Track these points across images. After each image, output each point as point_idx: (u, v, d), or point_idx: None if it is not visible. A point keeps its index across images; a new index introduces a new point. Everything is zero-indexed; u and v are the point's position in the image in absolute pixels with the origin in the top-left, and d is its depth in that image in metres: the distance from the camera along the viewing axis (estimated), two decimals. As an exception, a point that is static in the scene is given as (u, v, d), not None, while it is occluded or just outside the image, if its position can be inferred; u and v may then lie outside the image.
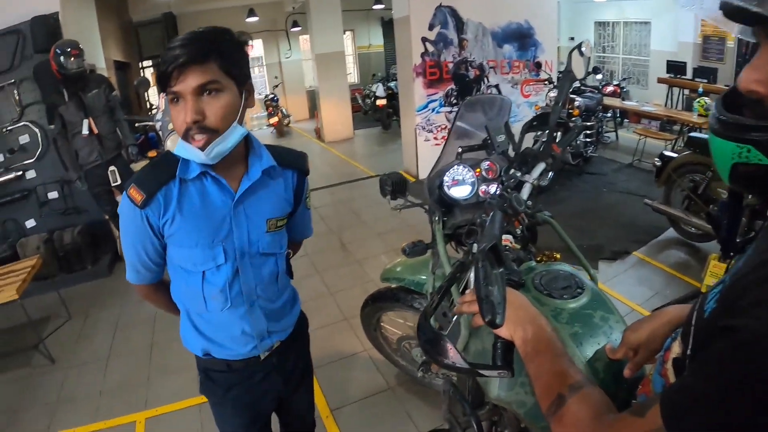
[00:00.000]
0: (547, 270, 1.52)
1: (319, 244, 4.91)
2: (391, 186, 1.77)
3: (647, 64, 11.21)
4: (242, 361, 1.54)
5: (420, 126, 6.57)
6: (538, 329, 1.02)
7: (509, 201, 1.44)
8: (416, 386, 2.87)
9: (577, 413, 0.83)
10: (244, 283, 1.44)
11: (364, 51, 14.32)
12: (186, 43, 1.16)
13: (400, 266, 2.30)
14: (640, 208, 5.01)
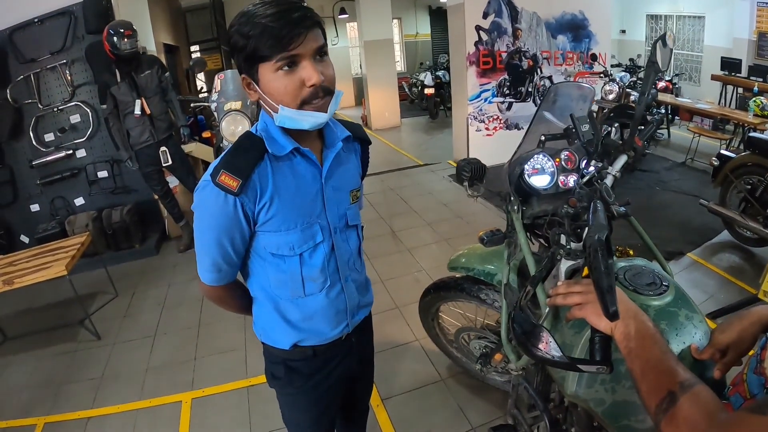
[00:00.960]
0: (630, 266, 1.49)
1: (369, 231, 4.86)
2: (470, 172, 1.74)
3: (700, 60, 10.83)
4: (327, 344, 1.52)
5: (472, 116, 6.52)
6: (641, 324, 1.00)
7: (599, 192, 1.40)
8: (469, 379, 2.84)
9: (690, 412, 0.81)
10: (339, 258, 1.43)
11: (411, 39, 14.25)
12: (295, 8, 1.13)
13: (467, 256, 2.27)
14: (694, 209, 4.90)
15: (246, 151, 1.25)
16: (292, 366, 1.53)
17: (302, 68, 1.14)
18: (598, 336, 1.04)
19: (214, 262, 1.34)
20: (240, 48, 1.14)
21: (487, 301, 2.22)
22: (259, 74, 1.16)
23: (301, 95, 1.16)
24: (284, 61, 1.12)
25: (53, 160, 4.86)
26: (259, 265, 1.39)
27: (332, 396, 1.65)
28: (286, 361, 1.53)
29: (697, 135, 6.85)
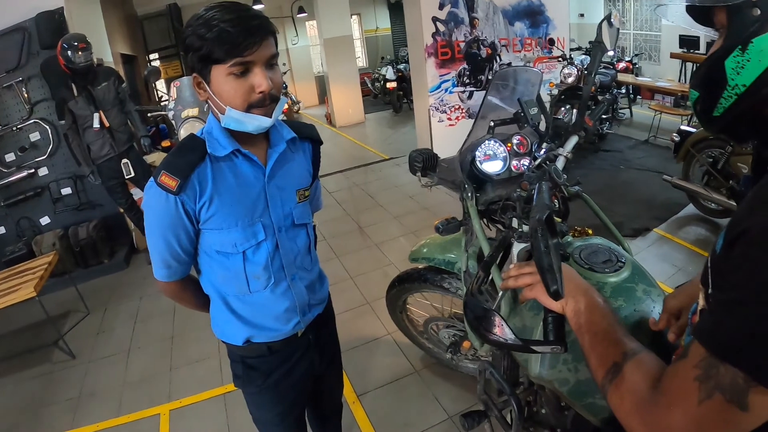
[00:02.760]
0: (586, 244, 1.50)
1: (336, 228, 4.91)
2: (422, 162, 1.74)
3: (659, 39, 10.99)
4: (283, 341, 1.54)
5: (433, 107, 6.52)
6: (591, 300, 1.00)
7: (548, 173, 1.41)
8: (442, 369, 2.85)
9: (633, 379, 0.81)
10: (284, 257, 1.45)
11: (372, 34, 14.20)
12: (252, 17, 1.17)
13: (428, 246, 2.27)
14: (659, 185, 4.98)
15: (187, 152, 1.30)
16: (250, 364, 1.56)
17: (254, 74, 1.19)
18: (551, 316, 1.04)
19: (164, 259, 1.38)
20: (195, 48, 1.16)
21: (451, 289, 2.22)
22: (212, 75, 1.20)
23: (250, 100, 1.21)
24: (238, 66, 1.16)
25: (16, 180, 4.74)
26: (207, 262, 1.43)
27: (296, 394, 1.67)
28: (243, 358, 1.56)
29: (659, 113, 6.97)
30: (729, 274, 0.67)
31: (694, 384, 0.67)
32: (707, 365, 0.66)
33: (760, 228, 0.63)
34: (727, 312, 0.65)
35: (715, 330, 0.66)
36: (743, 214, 0.69)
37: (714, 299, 0.70)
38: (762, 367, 0.61)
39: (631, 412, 0.78)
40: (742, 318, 0.63)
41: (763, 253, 0.62)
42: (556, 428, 1.57)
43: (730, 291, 0.66)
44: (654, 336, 1.23)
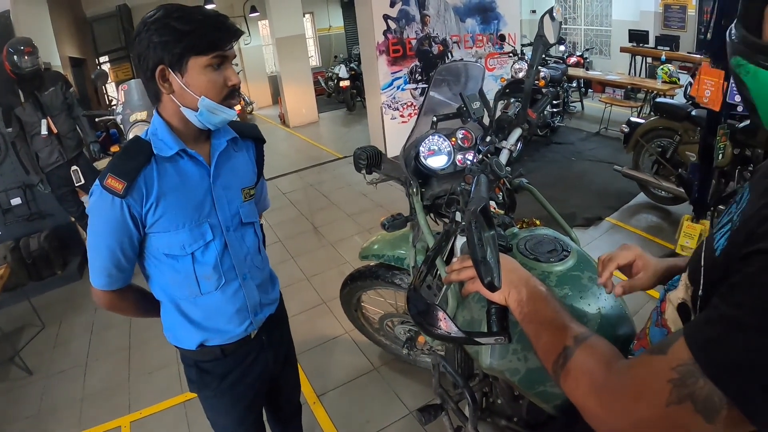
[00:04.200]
0: (531, 235, 1.52)
1: (291, 229, 4.86)
2: (366, 160, 1.73)
3: (609, 34, 11.33)
4: (235, 344, 1.54)
5: (385, 104, 6.52)
6: (533, 289, 1.01)
7: (490, 166, 1.41)
8: (401, 365, 2.86)
9: (586, 363, 0.81)
10: (234, 256, 1.46)
11: (325, 33, 14.11)
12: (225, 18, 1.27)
13: (378, 243, 2.27)
14: (610, 175, 5.10)
15: (133, 154, 1.30)
16: (204, 368, 1.55)
17: (226, 69, 1.28)
18: (494, 307, 1.04)
19: (104, 266, 1.35)
20: (175, 39, 1.19)
21: (402, 285, 2.23)
22: (188, 66, 1.23)
23: (224, 92, 1.28)
24: (217, 59, 1.24)
25: (-37, 193, 4.51)
26: (156, 267, 1.42)
27: (252, 396, 1.67)
28: (197, 363, 1.55)
29: (609, 105, 7.14)
30: (739, 290, 0.64)
31: (668, 385, 0.65)
32: (686, 373, 0.64)
33: None
34: (727, 330, 0.62)
35: (710, 345, 0.63)
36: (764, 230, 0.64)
37: (716, 309, 0.66)
38: (747, 395, 0.59)
39: (587, 393, 0.78)
40: (741, 342, 0.60)
41: None
42: (512, 417, 1.57)
43: (735, 308, 0.62)
44: (601, 322, 1.26)
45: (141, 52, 1.23)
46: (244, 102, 10.30)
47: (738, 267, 0.65)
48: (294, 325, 1.88)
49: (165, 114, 1.32)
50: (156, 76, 1.24)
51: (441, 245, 1.37)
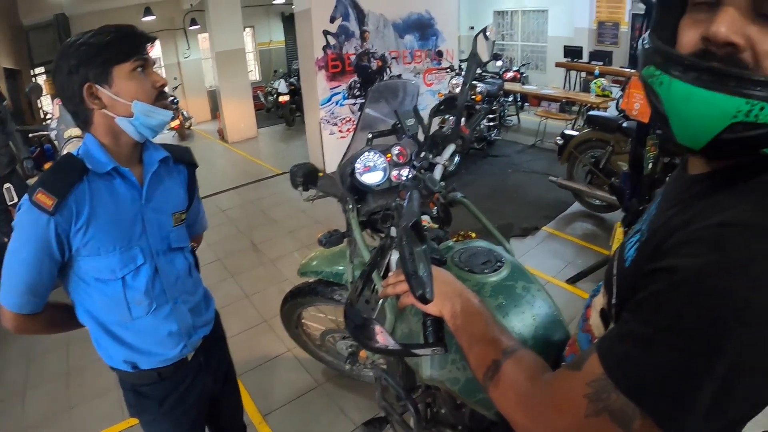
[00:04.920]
0: (465, 247, 1.55)
1: (230, 247, 4.78)
2: (302, 177, 1.73)
3: (545, 49, 11.86)
4: (171, 366, 1.51)
5: (324, 120, 6.51)
6: (466, 301, 1.02)
7: (423, 182, 1.44)
8: (345, 380, 2.85)
9: (513, 376, 0.83)
10: (164, 280, 1.43)
11: (265, 47, 14.00)
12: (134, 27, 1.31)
13: (317, 259, 2.28)
14: (546, 186, 5.25)
15: (65, 170, 1.27)
16: (142, 392, 1.53)
17: (150, 73, 1.31)
18: (430, 319, 1.06)
19: (19, 286, 1.29)
20: (94, 54, 1.22)
21: (342, 301, 2.24)
22: (114, 76, 1.24)
23: (154, 94, 1.30)
24: (139, 62, 1.27)
25: None
26: (84, 291, 1.37)
27: (193, 419, 1.65)
28: (134, 387, 1.52)
29: (545, 118, 7.39)
30: (647, 307, 0.65)
31: (584, 400, 0.67)
32: (600, 387, 0.66)
33: (685, 273, 0.61)
34: (636, 346, 0.64)
35: (622, 360, 0.65)
36: (669, 246, 0.66)
37: (626, 324, 0.68)
38: (657, 406, 0.61)
39: (515, 405, 0.81)
40: (649, 358, 0.62)
41: (686, 300, 0.60)
42: (456, 426, 1.60)
43: (644, 326, 0.64)
44: (536, 329, 1.30)
45: (63, 80, 1.23)
46: (183, 117, 10.06)
47: (645, 282, 0.67)
48: (236, 344, 1.85)
49: (97, 134, 1.31)
50: (84, 96, 1.23)
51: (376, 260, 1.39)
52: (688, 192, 0.75)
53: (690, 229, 0.65)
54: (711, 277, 0.58)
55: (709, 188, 0.71)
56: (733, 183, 0.68)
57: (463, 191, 1.83)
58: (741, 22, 0.61)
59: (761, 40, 0.60)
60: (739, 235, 0.60)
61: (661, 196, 0.86)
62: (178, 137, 9.89)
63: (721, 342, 0.56)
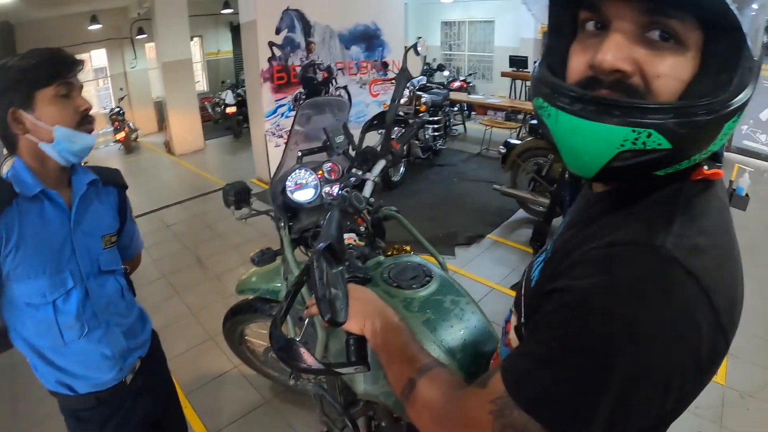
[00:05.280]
0: (395, 263, 1.56)
1: (175, 264, 4.68)
2: (234, 196, 1.74)
3: (492, 59, 12.13)
4: (110, 390, 1.50)
5: (270, 132, 6.44)
6: (386, 320, 1.03)
7: (349, 200, 1.46)
8: (292, 395, 2.84)
9: (427, 394, 0.84)
10: (95, 304, 1.42)
11: (213, 57, 13.79)
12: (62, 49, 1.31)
13: (255, 276, 2.27)
14: (490, 194, 5.33)
15: None
16: (82, 417, 1.52)
17: (75, 97, 1.30)
18: (352, 338, 1.08)
19: None
20: (18, 79, 1.23)
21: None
22: (37, 100, 1.24)
23: (76, 118, 1.30)
24: (62, 87, 1.26)
25: None
26: (16, 316, 1.37)
27: None
28: (74, 411, 1.51)
29: (490, 127, 7.53)
30: (542, 327, 0.68)
31: (489, 417, 0.68)
32: (503, 405, 0.67)
33: (575, 294, 0.63)
34: (535, 365, 0.66)
35: (521, 378, 0.67)
36: (564, 266, 0.68)
37: (526, 343, 0.71)
38: (557, 422, 0.63)
39: (429, 423, 0.82)
40: (548, 376, 0.63)
41: (577, 321, 0.62)
42: (396, 438, 1.61)
43: (541, 345, 0.66)
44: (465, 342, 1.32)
45: None
46: (129, 129, 9.80)
47: (543, 303, 0.69)
48: (182, 363, 1.83)
49: (24, 158, 1.31)
50: (9, 121, 1.24)
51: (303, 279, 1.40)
52: (588, 211, 0.77)
53: (582, 250, 0.67)
54: (598, 298, 0.60)
55: (607, 207, 0.73)
56: (629, 202, 0.70)
57: (409, 201, 1.87)
58: (628, 47, 0.62)
59: (649, 63, 0.62)
60: (626, 255, 0.62)
61: (569, 214, 0.88)
62: (125, 150, 9.63)
63: (612, 360, 0.58)
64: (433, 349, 1.26)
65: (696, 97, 0.61)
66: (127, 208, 1.62)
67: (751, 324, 3.52)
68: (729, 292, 0.65)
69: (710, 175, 0.69)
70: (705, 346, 0.60)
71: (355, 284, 1.17)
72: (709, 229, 0.66)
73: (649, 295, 0.59)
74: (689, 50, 0.61)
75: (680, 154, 0.63)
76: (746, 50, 0.60)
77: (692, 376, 0.62)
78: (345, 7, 6.79)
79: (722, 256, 0.66)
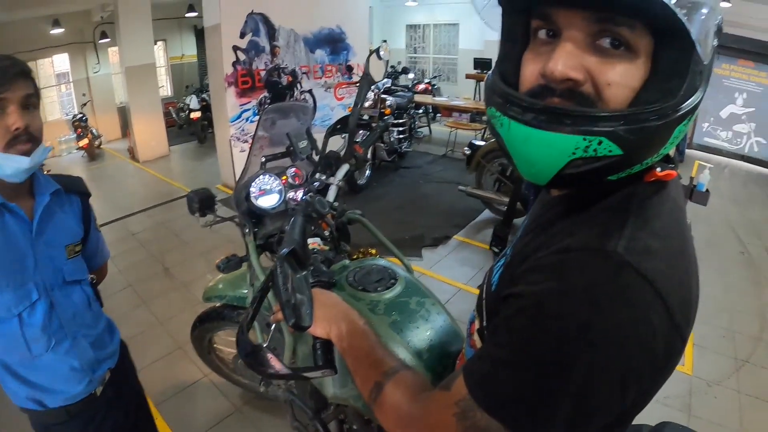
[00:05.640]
0: (360, 266, 1.57)
1: (141, 273, 4.60)
2: (199, 203, 1.73)
3: (456, 62, 12.30)
4: (80, 403, 1.49)
5: (235, 137, 6.35)
6: (351, 324, 1.04)
7: (312, 205, 1.47)
8: (263, 402, 2.83)
9: (393, 397, 0.85)
10: (61, 315, 1.40)
11: (178, 62, 13.57)
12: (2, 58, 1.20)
13: (221, 283, 2.25)
14: (456, 195, 5.37)
15: None
16: (54, 431, 1.50)
17: (8, 114, 1.18)
18: (319, 342, 1.09)
19: None
20: None
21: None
22: None
23: (6, 139, 1.19)
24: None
25: None
26: None
27: None
28: (45, 427, 1.50)
29: (455, 129, 7.60)
30: (501, 331, 0.69)
31: (453, 419, 0.69)
32: (466, 406, 0.68)
33: (531, 299, 0.65)
34: (495, 368, 0.67)
35: (482, 381, 0.68)
36: (521, 271, 0.70)
37: (486, 346, 0.72)
38: (518, 423, 0.64)
39: (396, 426, 0.83)
40: (507, 378, 0.65)
41: (533, 326, 0.63)
42: (368, 440, 1.62)
43: (500, 348, 0.68)
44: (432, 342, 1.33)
45: None
46: (92, 135, 9.57)
47: (500, 307, 0.71)
48: (151, 373, 1.81)
49: None
50: None
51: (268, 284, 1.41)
52: (545, 215, 0.79)
53: (537, 255, 0.69)
54: (553, 303, 0.62)
55: (563, 211, 0.74)
56: (583, 206, 0.71)
57: (375, 205, 1.89)
58: (579, 55, 0.63)
59: (600, 71, 0.63)
60: (579, 260, 0.64)
61: (527, 217, 0.90)
62: (88, 157, 9.40)
63: (568, 363, 0.60)
64: (400, 350, 1.27)
65: (646, 103, 0.62)
66: (91, 216, 1.59)
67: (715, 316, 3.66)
68: (683, 291, 0.67)
69: (663, 176, 0.70)
70: (661, 346, 0.62)
71: (320, 289, 1.17)
72: (661, 231, 0.67)
73: (603, 299, 0.60)
74: (639, 57, 0.62)
75: (632, 159, 0.64)
76: (696, 55, 0.61)
77: (649, 375, 0.64)
78: (309, 11, 6.78)
79: (675, 256, 0.67)
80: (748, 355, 3.31)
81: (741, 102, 8.80)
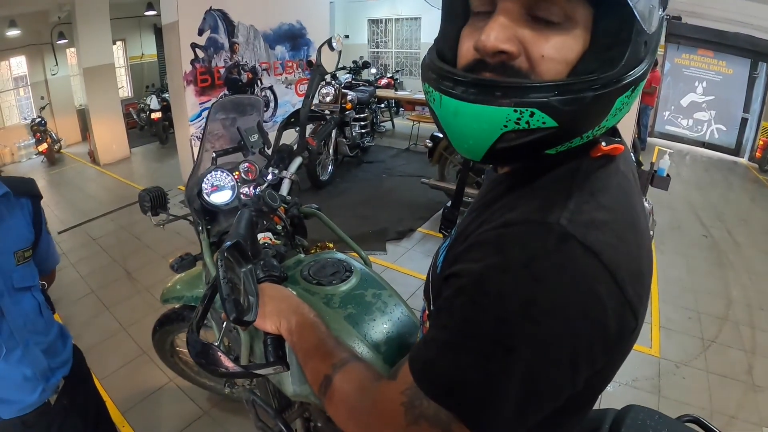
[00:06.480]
0: (315, 260, 1.56)
1: (103, 278, 4.51)
2: (150, 201, 1.69)
3: (418, 55, 12.30)
4: (35, 413, 1.45)
5: (195, 136, 6.20)
6: (301, 317, 1.02)
7: (263, 199, 1.45)
8: (230, 404, 2.80)
9: (343, 389, 0.83)
10: (12, 323, 1.36)
11: (137, 61, 13.28)
12: None
13: (178, 284, 2.22)
14: (419, 188, 5.38)
15: None
16: None
17: None
18: (269, 338, 1.07)
19: None
20: None
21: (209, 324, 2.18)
22: None
23: None
24: None
25: None
26: None
27: None
28: None
29: (417, 122, 7.61)
30: (443, 312, 0.66)
31: (401, 408, 0.67)
32: (413, 395, 0.66)
33: (470, 278, 0.62)
34: (437, 352, 0.64)
35: (426, 367, 0.66)
36: (459, 249, 0.68)
37: (429, 331, 0.69)
38: (465, 409, 0.61)
39: (347, 418, 0.81)
40: (450, 361, 0.62)
41: (473, 305, 0.61)
42: (333, 437, 1.61)
43: (441, 331, 0.65)
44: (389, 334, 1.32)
45: None
46: (51, 139, 9.31)
47: (442, 289, 0.69)
48: (117, 380, 1.76)
49: None
50: None
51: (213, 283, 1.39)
52: (490, 193, 0.77)
53: (478, 232, 0.67)
54: (492, 280, 0.60)
55: (507, 188, 0.73)
56: (528, 181, 0.69)
57: (338, 200, 1.88)
58: (513, 27, 0.61)
59: (534, 43, 0.61)
60: (519, 234, 0.62)
61: (475, 198, 0.89)
62: (48, 162, 9.16)
63: (512, 342, 0.58)
64: (357, 343, 1.26)
65: (584, 74, 0.61)
66: (42, 219, 1.54)
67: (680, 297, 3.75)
68: (633, 265, 0.64)
69: (609, 150, 0.68)
70: (612, 320, 0.60)
71: (270, 283, 1.16)
72: (608, 204, 0.65)
73: (545, 273, 0.58)
74: (577, 28, 0.61)
75: (568, 131, 0.63)
76: (637, 24, 0.59)
77: (602, 352, 0.62)
78: (269, 7, 6.73)
79: (624, 230, 0.65)
80: (714, 335, 3.40)
81: (701, 90, 9.07)
